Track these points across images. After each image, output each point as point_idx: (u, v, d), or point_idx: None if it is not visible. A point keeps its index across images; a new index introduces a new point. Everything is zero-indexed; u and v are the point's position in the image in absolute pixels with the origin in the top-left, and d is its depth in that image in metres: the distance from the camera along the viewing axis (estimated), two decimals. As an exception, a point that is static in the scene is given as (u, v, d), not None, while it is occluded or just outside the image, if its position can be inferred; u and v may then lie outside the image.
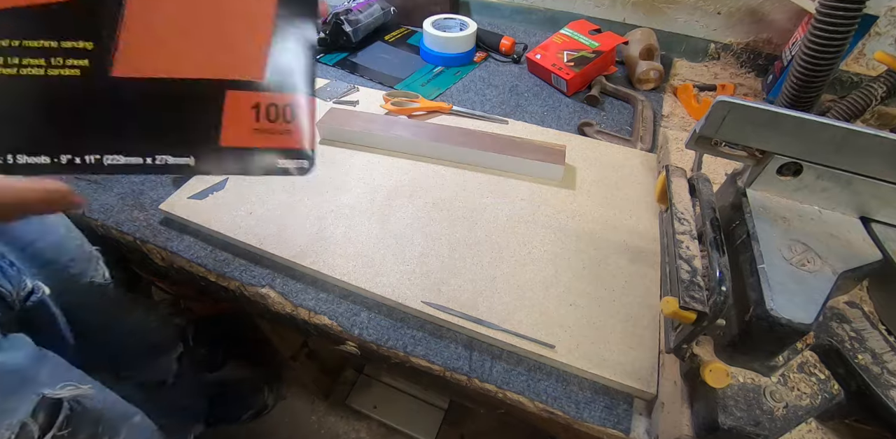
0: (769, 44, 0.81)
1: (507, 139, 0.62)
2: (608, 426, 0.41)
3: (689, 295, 0.31)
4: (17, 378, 0.44)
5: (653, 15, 0.87)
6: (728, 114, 0.34)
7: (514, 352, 0.46)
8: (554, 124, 0.72)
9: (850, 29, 0.51)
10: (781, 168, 0.37)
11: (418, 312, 0.47)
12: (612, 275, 0.50)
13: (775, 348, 0.34)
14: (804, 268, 0.33)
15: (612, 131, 0.70)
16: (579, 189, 0.60)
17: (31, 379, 0.45)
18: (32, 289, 0.51)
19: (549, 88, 0.80)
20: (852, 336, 0.36)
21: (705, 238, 0.35)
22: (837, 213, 0.38)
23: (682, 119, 0.73)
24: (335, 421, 1.14)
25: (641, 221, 0.56)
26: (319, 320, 0.48)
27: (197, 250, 0.54)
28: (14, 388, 0.43)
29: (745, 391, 0.35)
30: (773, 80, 0.74)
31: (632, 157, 0.64)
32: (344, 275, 0.49)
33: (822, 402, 0.34)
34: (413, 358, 0.46)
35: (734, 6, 0.80)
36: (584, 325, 0.46)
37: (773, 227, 0.36)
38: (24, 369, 0.45)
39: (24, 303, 0.50)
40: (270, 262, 0.53)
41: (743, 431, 0.33)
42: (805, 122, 0.33)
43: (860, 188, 0.35)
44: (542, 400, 0.43)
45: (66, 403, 0.45)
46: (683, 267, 0.33)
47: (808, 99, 0.59)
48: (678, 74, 0.82)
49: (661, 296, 0.48)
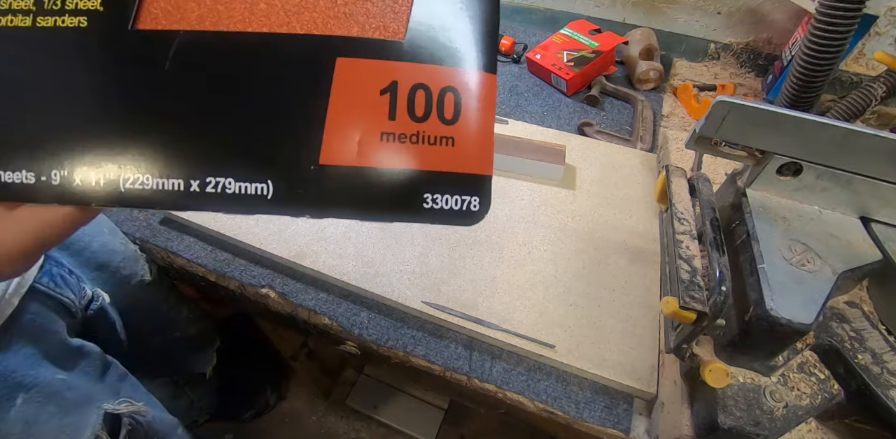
0: (769, 44, 0.81)
1: (507, 139, 0.61)
2: (608, 426, 0.41)
3: (689, 295, 0.31)
4: (85, 391, 0.44)
5: (653, 15, 0.87)
6: (728, 114, 0.34)
7: (513, 352, 0.46)
8: (554, 124, 0.72)
9: (850, 29, 0.51)
10: (781, 168, 0.37)
11: (418, 312, 0.47)
12: (612, 275, 0.50)
13: (775, 348, 0.34)
14: (804, 268, 0.33)
15: (612, 131, 0.70)
16: (579, 189, 0.60)
17: (96, 392, 0.45)
18: (93, 297, 0.50)
19: (549, 88, 0.79)
20: (852, 336, 0.36)
21: (705, 238, 0.35)
22: (837, 213, 0.38)
23: (682, 119, 0.73)
24: (335, 421, 1.14)
25: (641, 221, 0.56)
26: (319, 320, 0.48)
27: (197, 250, 0.54)
28: (84, 403, 0.43)
29: (745, 391, 0.35)
30: (773, 80, 0.74)
31: (632, 157, 0.64)
32: (344, 275, 0.49)
33: (822, 402, 0.34)
34: (413, 358, 0.46)
35: (734, 6, 0.80)
36: (584, 325, 0.46)
37: (773, 227, 0.36)
38: (93, 382, 0.45)
39: (85, 312, 0.49)
40: (270, 262, 0.53)
41: (743, 431, 0.33)
42: (805, 122, 0.33)
43: (860, 188, 0.35)
44: (542, 400, 0.43)
45: (124, 418, 0.45)
46: (683, 267, 0.33)
47: (808, 99, 0.59)
48: (678, 74, 0.82)
49: (661, 296, 0.48)
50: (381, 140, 0.15)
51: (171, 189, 0.15)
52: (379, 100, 0.15)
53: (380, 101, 0.15)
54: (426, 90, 0.15)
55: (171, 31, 0.16)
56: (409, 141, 0.15)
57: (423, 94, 0.15)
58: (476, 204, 0.16)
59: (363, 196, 0.15)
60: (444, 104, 0.15)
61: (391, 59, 0.15)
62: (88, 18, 0.16)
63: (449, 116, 0.15)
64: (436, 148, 0.15)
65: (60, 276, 0.46)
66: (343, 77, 0.15)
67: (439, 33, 0.15)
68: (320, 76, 0.15)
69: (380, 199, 0.15)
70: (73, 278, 0.48)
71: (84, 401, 0.43)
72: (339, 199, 0.15)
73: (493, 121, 0.15)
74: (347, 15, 0.15)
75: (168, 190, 0.15)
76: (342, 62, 0.15)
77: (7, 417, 0.37)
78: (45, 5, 0.16)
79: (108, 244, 0.55)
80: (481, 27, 0.15)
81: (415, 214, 0.16)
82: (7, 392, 0.38)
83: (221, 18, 0.15)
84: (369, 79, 0.15)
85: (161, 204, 0.16)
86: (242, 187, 0.15)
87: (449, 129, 0.15)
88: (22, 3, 0.16)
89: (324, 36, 0.15)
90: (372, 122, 0.15)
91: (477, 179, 0.16)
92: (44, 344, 0.42)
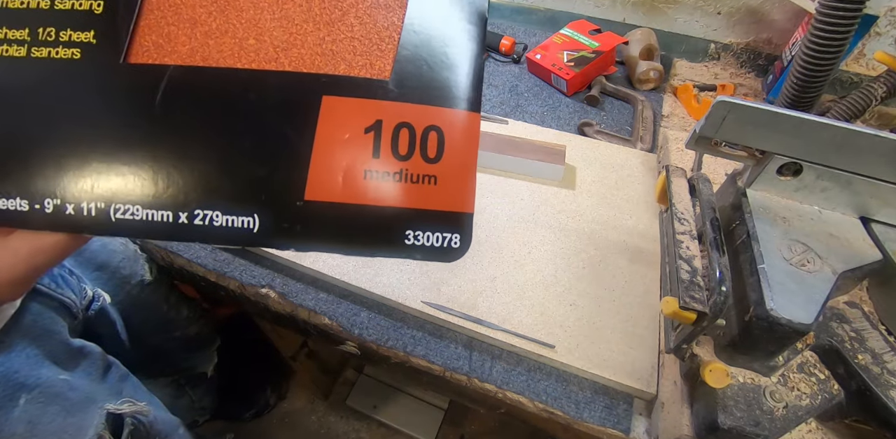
0: (769, 44, 0.81)
1: (507, 139, 0.61)
2: (608, 426, 0.41)
3: (689, 295, 0.31)
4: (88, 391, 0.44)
5: (653, 15, 0.87)
6: (728, 114, 0.34)
7: (513, 352, 0.46)
8: (554, 124, 0.72)
9: (850, 29, 0.51)
10: (781, 168, 0.37)
11: (418, 312, 0.47)
12: (612, 275, 0.50)
13: (775, 348, 0.34)
14: (804, 268, 0.33)
15: (612, 131, 0.70)
16: (579, 189, 0.60)
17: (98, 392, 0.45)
18: (93, 297, 0.50)
19: (549, 88, 0.79)
20: (852, 336, 0.36)
21: (705, 238, 0.35)
22: (837, 213, 0.38)
23: (682, 119, 0.73)
24: (335, 421, 1.14)
25: (641, 221, 0.56)
26: (319, 320, 0.48)
27: (197, 250, 0.54)
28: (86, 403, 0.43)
29: (745, 391, 0.35)
30: (773, 80, 0.74)
31: (632, 157, 0.64)
32: (344, 274, 0.49)
33: (822, 402, 0.34)
34: (413, 358, 0.46)
35: (734, 6, 0.80)
36: (584, 325, 0.46)
37: (773, 227, 0.36)
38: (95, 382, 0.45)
39: (86, 312, 0.49)
40: (270, 262, 0.53)
41: (743, 431, 0.33)
42: (805, 122, 0.33)
43: (860, 188, 0.35)
44: (542, 400, 0.43)
45: (127, 418, 0.45)
46: (683, 267, 0.33)
47: (808, 99, 0.59)
48: (678, 74, 0.82)
49: (661, 296, 0.48)
50: (364, 177, 0.15)
51: (160, 220, 0.16)
52: (363, 138, 0.15)
53: (364, 139, 0.15)
54: (410, 129, 0.15)
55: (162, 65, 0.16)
56: (393, 179, 0.15)
57: (406, 132, 0.15)
58: (457, 241, 0.16)
59: (346, 231, 0.15)
60: (428, 143, 0.15)
61: (376, 98, 0.15)
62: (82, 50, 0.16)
63: (432, 155, 0.15)
64: (418, 186, 0.15)
65: (61, 277, 0.46)
66: (329, 115, 0.15)
67: (424, 72, 0.15)
68: (307, 114, 0.15)
69: (363, 235, 0.15)
70: (73, 278, 0.48)
71: (86, 402, 0.43)
72: (323, 234, 0.15)
73: (475, 160, 0.15)
74: (335, 52, 0.15)
75: (157, 221, 0.16)
76: (328, 100, 0.15)
77: (10, 417, 0.37)
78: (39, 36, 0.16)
79: (108, 244, 0.55)
80: (466, 67, 0.15)
81: (397, 250, 0.16)
82: (10, 392, 0.38)
83: (211, 53, 0.16)
84: (354, 117, 0.15)
85: (150, 234, 0.16)
86: (229, 220, 0.15)
87: (432, 168, 0.15)
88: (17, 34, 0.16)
89: (311, 73, 0.15)
90: (356, 160, 0.15)
91: (458, 217, 0.15)
92: (46, 344, 0.42)
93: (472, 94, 0.15)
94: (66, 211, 0.16)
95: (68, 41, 0.16)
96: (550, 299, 0.48)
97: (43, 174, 0.16)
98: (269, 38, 0.15)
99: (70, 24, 0.16)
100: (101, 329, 0.53)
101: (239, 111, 0.15)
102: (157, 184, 0.16)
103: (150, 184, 0.16)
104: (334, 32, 0.15)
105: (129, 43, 0.16)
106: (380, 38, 0.15)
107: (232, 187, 0.15)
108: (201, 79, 0.16)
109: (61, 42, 0.16)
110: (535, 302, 0.47)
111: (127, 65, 0.16)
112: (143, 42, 0.16)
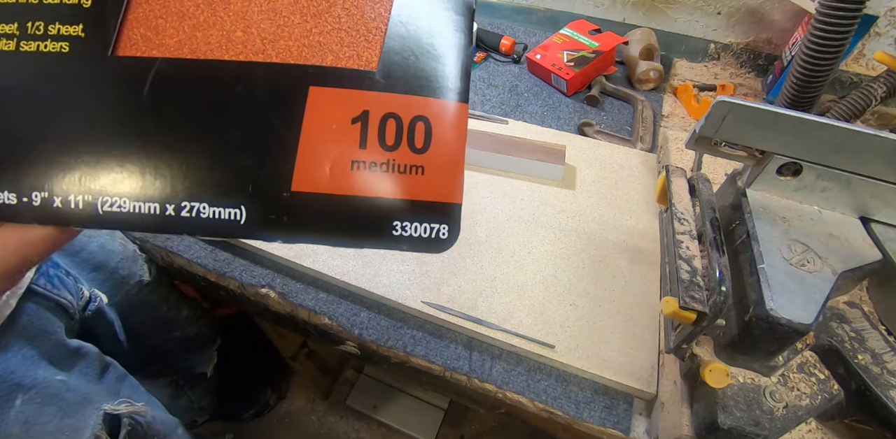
0: (769, 44, 0.81)
1: (507, 139, 0.61)
2: (608, 426, 0.41)
3: (689, 295, 0.31)
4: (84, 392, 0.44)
5: (653, 15, 0.87)
6: (728, 114, 0.34)
7: (513, 352, 0.46)
8: (554, 124, 0.72)
9: (850, 29, 0.51)
10: (781, 168, 0.37)
11: (418, 312, 0.47)
12: (612, 275, 0.50)
13: (775, 348, 0.34)
14: (804, 268, 0.33)
15: (612, 131, 0.70)
16: (579, 189, 0.59)
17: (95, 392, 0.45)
18: (90, 297, 0.50)
19: (549, 88, 0.79)
20: (852, 336, 0.36)
21: (705, 238, 0.35)
22: (837, 213, 0.38)
23: (682, 119, 0.73)
24: (335, 421, 1.14)
25: (641, 221, 0.56)
26: (319, 320, 0.48)
27: (197, 250, 0.54)
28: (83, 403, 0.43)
29: (744, 391, 0.35)
30: (773, 80, 0.74)
31: (632, 157, 0.64)
32: (344, 274, 0.49)
33: (822, 402, 0.34)
34: (413, 358, 0.46)
35: (734, 6, 0.80)
36: (584, 325, 0.46)
37: (772, 227, 0.36)
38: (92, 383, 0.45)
39: (83, 312, 0.49)
40: (270, 262, 0.53)
41: (743, 431, 0.33)
42: (805, 122, 0.33)
43: (860, 188, 0.35)
44: (542, 400, 0.43)
45: (124, 419, 0.45)
46: (683, 267, 0.33)
47: (808, 99, 0.59)
48: (678, 74, 0.82)
49: (661, 296, 0.48)
50: (351, 168, 0.15)
51: (147, 212, 0.16)
52: (350, 128, 0.15)
53: (351, 129, 0.15)
54: (397, 119, 0.15)
55: (149, 57, 0.16)
56: (380, 169, 0.15)
57: (393, 123, 0.15)
58: (445, 231, 0.16)
59: (334, 222, 0.15)
60: (415, 133, 0.15)
61: (363, 89, 0.15)
62: (70, 44, 0.16)
63: (419, 145, 0.15)
64: (406, 176, 0.15)
65: (57, 277, 0.46)
66: (315, 106, 0.15)
67: (411, 63, 0.15)
68: (294, 105, 0.15)
69: (350, 226, 0.15)
70: (70, 279, 0.48)
71: (83, 402, 0.43)
72: (310, 225, 0.15)
73: (463, 150, 0.15)
74: (322, 43, 0.15)
75: (144, 213, 0.16)
76: (315, 91, 0.15)
77: (6, 418, 0.37)
78: (28, 30, 0.16)
79: (107, 245, 0.55)
80: (454, 58, 0.15)
81: (385, 241, 0.16)
82: (6, 393, 0.38)
83: (199, 45, 0.16)
84: (341, 108, 0.15)
85: (138, 226, 0.16)
86: (216, 212, 0.15)
87: (419, 158, 0.15)
88: (6, 28, 0.16)
89: (298, 64, 0.15)
90: (343, 151, 0.15)
91: (446, 207, 0.15)
92: (42, 345, 0.42)
93: (459, 84, 0.15)
94: (54, 204, 0.17)
95: (57, 35, 0.16)
96: (550, 299, 0.48)
97: (30, 167, 0.16)
98: (256, 30, 0.15)
99: (59, 17, 0.16)
100: (98, 329, 0.53)
101: (226, 103, 0.16)
102: (144, 177, 0.16)
103: (137, 177, 0.16)
104: (321, 24, 0.15)
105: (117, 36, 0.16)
106: (367, 29, 0.15)
107: (219, 179, 0.16)
108: (189, 71, 0.16)
109: (50, 36, 0.16)
110: (535, 302, 0.47)
111: (115, 58, 0.16)
112: (132, 35, 0.16)
